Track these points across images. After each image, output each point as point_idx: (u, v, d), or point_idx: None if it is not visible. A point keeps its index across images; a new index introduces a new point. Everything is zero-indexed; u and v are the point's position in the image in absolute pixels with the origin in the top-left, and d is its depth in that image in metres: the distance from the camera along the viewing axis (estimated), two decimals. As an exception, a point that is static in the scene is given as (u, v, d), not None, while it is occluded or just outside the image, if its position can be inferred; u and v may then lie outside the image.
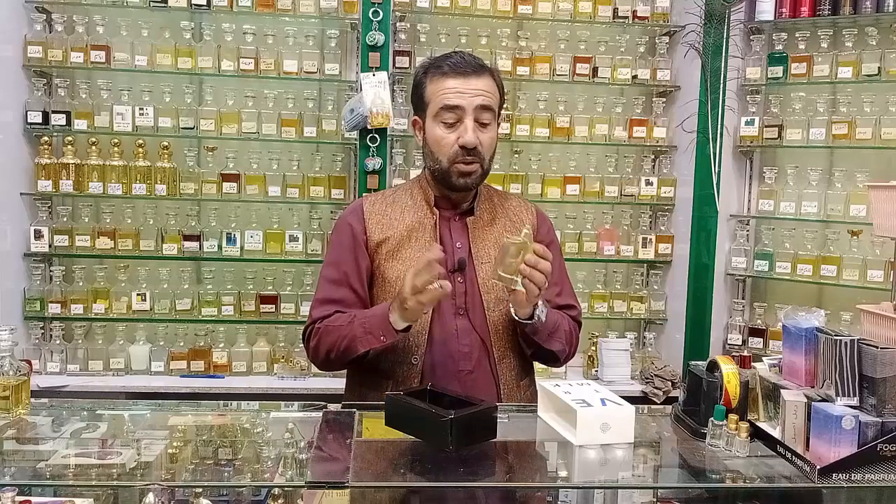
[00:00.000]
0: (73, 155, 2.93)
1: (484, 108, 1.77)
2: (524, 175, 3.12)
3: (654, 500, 1.47)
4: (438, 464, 1.35)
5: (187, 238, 2.99)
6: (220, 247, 3.01)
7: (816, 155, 3.09)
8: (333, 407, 1.66)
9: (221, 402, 2.38)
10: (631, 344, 3.17)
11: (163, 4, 2.93)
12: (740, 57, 3.06)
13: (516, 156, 3.19)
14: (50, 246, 2.94)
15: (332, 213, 3.09)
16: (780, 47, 3.03)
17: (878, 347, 1.30)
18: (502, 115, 1.93)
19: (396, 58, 3.01)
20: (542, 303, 1.71)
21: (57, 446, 1.46)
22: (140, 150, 2.96)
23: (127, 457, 1.37)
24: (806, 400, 1.35)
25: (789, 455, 1.35)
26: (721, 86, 3.02)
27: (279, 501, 1.35)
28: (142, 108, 2.95)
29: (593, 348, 3.16)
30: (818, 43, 3.00)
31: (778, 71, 3.01)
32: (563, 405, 1.49)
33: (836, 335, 1.34)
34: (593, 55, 3.14)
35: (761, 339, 3.07)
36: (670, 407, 1.64)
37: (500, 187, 2.63)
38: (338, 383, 2.16)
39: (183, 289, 3.07)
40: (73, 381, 2.88)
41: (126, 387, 2.88)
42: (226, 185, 2.99)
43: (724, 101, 3.02)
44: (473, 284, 1.82)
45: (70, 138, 2.94)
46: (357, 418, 1.58)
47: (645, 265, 3.28)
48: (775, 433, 1.41)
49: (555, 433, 1.50)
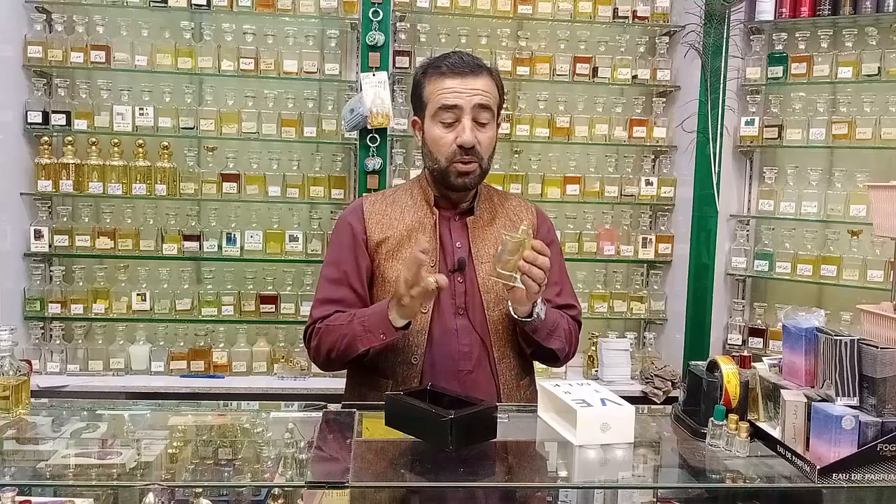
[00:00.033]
0: (73, 155, 2.93)
1: (482, 108, 1.77)
2: (524, 175, 3.12)
3: (654, 500, 1.47)
4: (438, 464, 1.35)
5: (187, 238, 2.99)
6: (220, 247, 3.01)
7: (816, 155, 3.09)
8: (333, 407, 1.66)
9: (221, 402, 2.39)
10: (631, 344, 3.17)
11: (163, 4, 2.93)
12: (740, 57, 3.06)
13: (516, 156, 3.19)
14: (50, 246, 2.94)
15: (332, 213, 3.09)
16: (780, 47, 3.03)
17: (878, 347, 1.30)
18: (502, 115, 1.92)
19: (396, 58, 3.01)
20: (541, 301, 1.71)
21: (57, 446, 1.46)
22: (140, 150, 2.96)
23: (127, 457, 1.36)
24: (806, 400, 1.35)
25: (789, 455, 1.35)
26: (721, 86, 3.02)
27: (279, 501, 1.35)
28: (142, 108, 2.95)
29: (593, 348, 3.16)
30: (818, 43, 3.00)
31: (778, 71, 3.01)
32: (563, 405, 1.49)
33: (836, 335, 1.34)
34: (593, 55, 3.14)
35: (761, 339, 3.07)
36: (670, 407, 1.64)
37: (500, 187, 2.63)
38: (338, 383, 2.16)
39: (183, 289, 3.07)
40: (73, 381, 2.88)
41: (126, 387, 2.89)
42: (226, 185, 2.99)
43: (724, 101, 3.02)
44: (473, 284, 1.82)
45: (70, 138, 2.94)
46: (357, 418, 1.58)
47: (645, 265, 3.28)
48: (775, 433, 1.41)
49: (555, 433, 1.50)
